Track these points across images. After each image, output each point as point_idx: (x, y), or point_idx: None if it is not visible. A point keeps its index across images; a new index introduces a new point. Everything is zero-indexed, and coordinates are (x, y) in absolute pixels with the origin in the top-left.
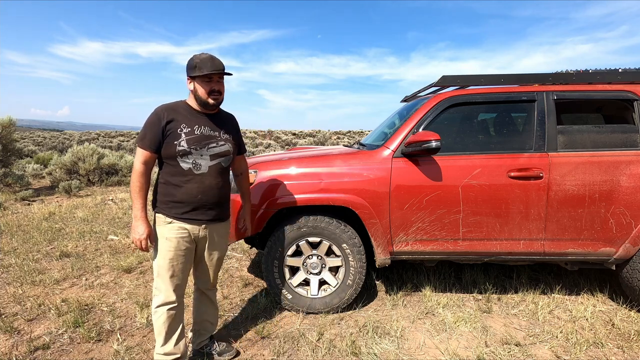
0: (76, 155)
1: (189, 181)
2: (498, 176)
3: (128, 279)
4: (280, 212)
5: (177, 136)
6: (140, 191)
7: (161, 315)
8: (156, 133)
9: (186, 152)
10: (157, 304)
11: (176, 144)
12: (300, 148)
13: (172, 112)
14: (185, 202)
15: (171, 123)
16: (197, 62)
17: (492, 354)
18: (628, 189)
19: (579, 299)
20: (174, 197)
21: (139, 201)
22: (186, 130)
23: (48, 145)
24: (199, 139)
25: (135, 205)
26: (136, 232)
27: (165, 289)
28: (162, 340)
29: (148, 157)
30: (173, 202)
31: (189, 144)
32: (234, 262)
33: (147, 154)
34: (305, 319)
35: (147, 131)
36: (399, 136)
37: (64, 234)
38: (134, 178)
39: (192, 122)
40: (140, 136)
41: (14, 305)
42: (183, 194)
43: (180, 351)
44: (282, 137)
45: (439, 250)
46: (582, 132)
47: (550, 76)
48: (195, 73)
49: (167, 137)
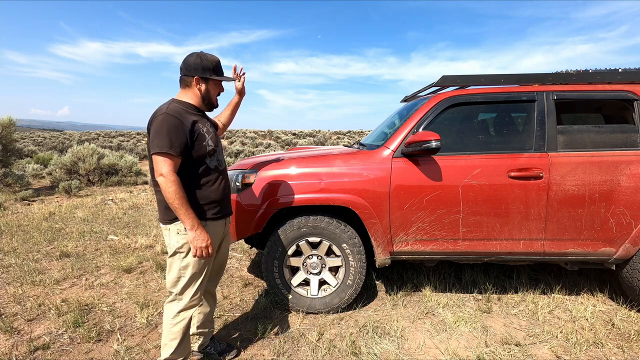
0: (76, 155)
1: (217, 178)
2: (498, 176)
3: (128, 279)
4: (280, 212)
5: (203, 137)
6: (186, 201)
7: (183, 319)
8: (184, 138)
9: (214, 151)
10: (181, 308)
11: (205, 145)
12: (300, 148)
13: (187, 115)
14: (218, 200)
15: (195, 125)
16: (213, 65)
17: (492, 354)
18: (628, 189)
19: (579, 299)
20: (208, 198)
21: (190, 210)
22: (205, 130)
23: (48, 145)
24: (215, 136)
25: (188, 215)
26: (200, 241)
27: (191, 294)
28: (176, 345)
29: (178, 164)
30: (209, 204)
31: (213, 142)
32: (234, 262)
33: (176, 160)
34: (305, 319)
35: (172, 137)
36: (399, 136)
37: (64, 234)
38: (174, 190)
39: (202, 121)
40: (165, 143)
41: (14, 305)
42: (215, 193)
43: (186, 352)
44: (282, 137)
45: (439, 250)
46: (582, 132)
47: (550, 76)
48: (212, 76)
49: (197, 139)
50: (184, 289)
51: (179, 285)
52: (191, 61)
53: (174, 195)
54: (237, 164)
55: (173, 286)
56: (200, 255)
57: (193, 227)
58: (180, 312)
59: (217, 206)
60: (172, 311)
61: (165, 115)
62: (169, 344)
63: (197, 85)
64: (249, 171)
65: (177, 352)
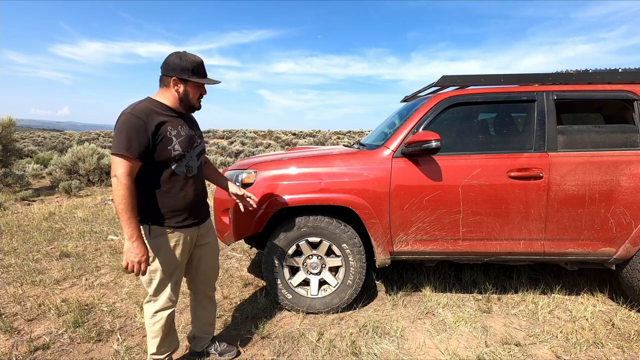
0: (76, 155)
1: (184, 186)
2: (498, 176)
3: (128, 279)
4: (280, 212)
5: (169, 140)
6: (132, 208)
7: (160, 319)
8: (143, 139)
9: (181, 156)
10: (157, 309)
11: (170, 149)
12: (300, 148)
13: (155, 115)
14: (184, 209)
15: (161, 127)
16: (193, 67)
17: (492, 354)
18: (628, 189)
19: (579, 299)
20: (173, 206)
21: (132, 219)
22: (174, 133)
23: (48, 145)
24: (187, 140)
25: (129, 224)
26: (133, 255)
27: (167, 296)
28: (158, 342)
29: (134, 167)
30: (172, 212)
31: (181, 146)
32: (234, 262)
33: (134, 163)
34: (305, 319)
35: (131, 138)
36: (399, 136)
37: (64, 234)
38: (123, 193)
39: (175, 123)
40: (122, 144)
41: (14, 305)
42: (181, 201)
43: (173, 346)
44: (282, 137)
45: (439, 250)
46: (582, 132)
47: (550, 76)
48: (191, 78)
49: (160, 143)
50: (157, 291)
51: (151, 287)
52: (170, 60)
53: (120, 199)
54: (237, 164)
55: (147, 287)
56: (130, 269)
57: (131, 238)
58: (156, 312)
59: (182, 214)
60: (149, 311)
61: (129, 116)
62: (152, 342)
63: (175, 86)
64: (249, 171)
65: (161, 348)
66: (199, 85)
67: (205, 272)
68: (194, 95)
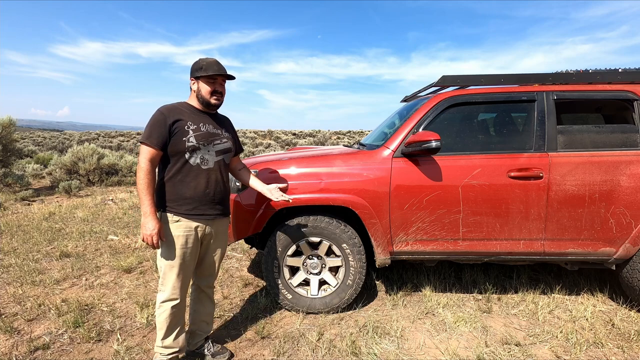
0: (76, 155)
1: (197, 176)
2: (498, 176)
3: (128, 279)
4: (280, 212)
5: (185, 133)
6: (148, 188)
7: (164, 310)
8: (162, 131)
9: (195, 148)
10: (162, 299)
11: (185, 140)
12: (300, 148)
13: (177, 112)
14: (194, 198)
15: (178, 122)
16: (203, 64)
17: (492, 354)
18: (628, 189)
19: (579, 299)
20: (183, 194)
21: (147, 198)
22: (193, 127)
23: (48, 145)
24: (205, 135)
25: (144, 202)
26: (146, 229)
27: (171, 287)
28: (163, 334)
29: (154, 155)
30: (182, 200)
31: (197, 139)
32: (234, 262)
33: (153, 151)
34: (305, 319)
35: (152, 129)
36: (399, 136)
37: (64, 234)
38: (141, 175)
39: (197, 120)
40: (145, 135)
41: (14, 305)
42: (192, 190)
43: (179, 345)
44: (282, 137)
45: (439, 250)
46: (582, 132)
47: (550, 76)
48: (200, 74)
49: (175, 135)
50: (164, 280)
51: (160, 276)
52: (191, 66)
53: (139, 180)
54: None
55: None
56: (146, 241)
57: (145, 214)
58: (163, 302)
59: (191, 203)
60: (158, 301)
61: (156, 112)
62: (158, 333)
63: (193, 86)
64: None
65: (165, 341)
66: (210, 82)
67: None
68: (205, 90)
